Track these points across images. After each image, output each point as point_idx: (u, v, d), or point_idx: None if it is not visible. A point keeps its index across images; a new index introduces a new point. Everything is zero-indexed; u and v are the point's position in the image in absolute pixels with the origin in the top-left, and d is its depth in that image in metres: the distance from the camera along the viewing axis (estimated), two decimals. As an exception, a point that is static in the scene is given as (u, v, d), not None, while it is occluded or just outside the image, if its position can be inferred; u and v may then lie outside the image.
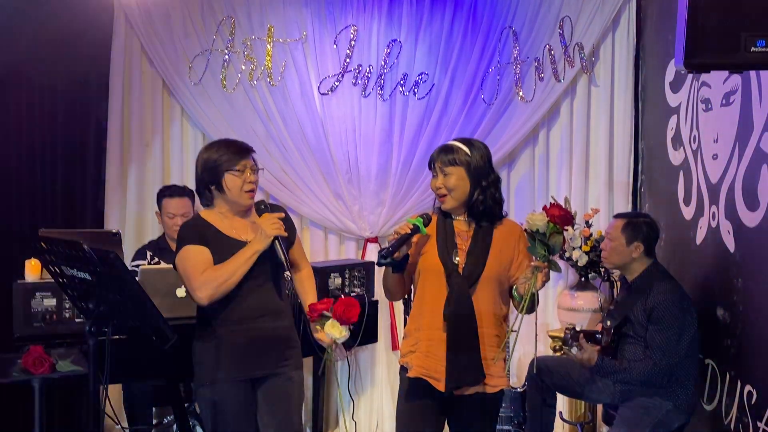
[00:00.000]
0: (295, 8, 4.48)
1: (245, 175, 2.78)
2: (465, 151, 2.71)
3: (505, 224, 2.78)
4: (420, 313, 2.75)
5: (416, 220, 2.65)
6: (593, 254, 4.17)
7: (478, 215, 2.72)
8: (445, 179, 2.71)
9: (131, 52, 4.46)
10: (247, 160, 2.80)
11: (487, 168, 2.74)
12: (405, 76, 4.49)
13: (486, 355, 2.68)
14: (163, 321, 2.51)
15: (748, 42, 1.98)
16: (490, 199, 2.72)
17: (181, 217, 4.03)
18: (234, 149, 2.81)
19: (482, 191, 2.71)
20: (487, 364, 2.68)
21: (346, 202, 4.53)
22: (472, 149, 2.73)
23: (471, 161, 2.70)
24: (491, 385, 2.70)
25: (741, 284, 3.06)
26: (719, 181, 3.28)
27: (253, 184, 2.82)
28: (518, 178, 4.63)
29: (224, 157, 2.78)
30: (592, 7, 4.43)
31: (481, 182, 2.71)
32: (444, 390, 2.65)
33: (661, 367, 3.19)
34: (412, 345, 2.76)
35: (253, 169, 2.81)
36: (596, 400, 3.69)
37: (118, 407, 3.66)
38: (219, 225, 2.80)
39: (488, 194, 2.71)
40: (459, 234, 2.73)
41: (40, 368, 2.87)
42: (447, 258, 2.68)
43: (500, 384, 2.73)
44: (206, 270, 2.71)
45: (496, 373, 2.71)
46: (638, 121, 4.52)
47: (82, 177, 4.53)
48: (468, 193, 2.71)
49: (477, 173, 2.70)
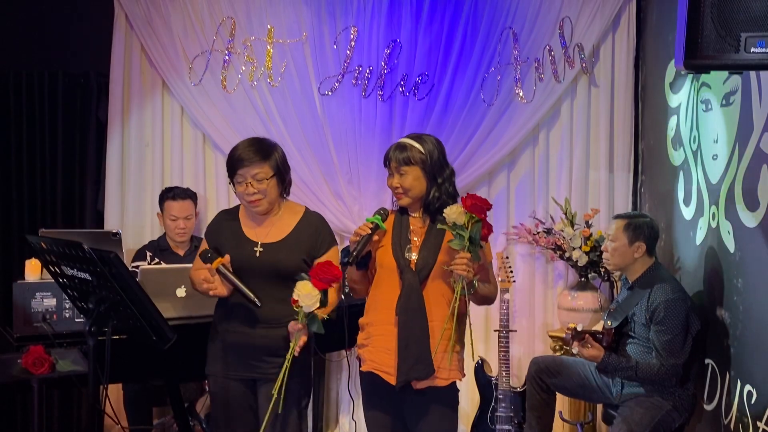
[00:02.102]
0: (295, 9, 4.48)
1: (244, 188, 2.78)
2: (419, 149, 2.75)
3: None
4: (374, 307, 2.82)
5: (375, 218, 2.73)
6: (593, 254, 4.17)
7: (434, 211, 2.78)
8: (401, 179, 2.77)
9: (131, 52, 4.46)
10: (247, 171, 2.75)
11: (442, 163, 2.79)
12: (405, 77, 4.49)
13: (437, 349, 2.70)
14: (162, 321, 2.51)
15: (748, 42, 1.98)
16: (445, 195, 2.77)
17: (183, 220, 4.04)
18: (238, 156, 2.78)
19: (438, 188, 2.76)
20: (438, 358, 2.70)
21: (346, 202, 4.53)
22: (425, 146, 2.76)
23: (426, 159, 2.74)
24: (442, 378, 2.73)
25: (741, 284, 3.06)
26: (719, 181, 3.28)
27: (254, 195, 2.77)
28: (518, 179, 4.62)
29: (228, 164, 2.82)
30: (592, 8, 4.42)
31: (437, 179, 2.76)
32: (395, 384, 2.71)
33: (668, 367, 3.20)
34: (365, 339, 2.84)
35: (256, 178, 2.76)
36: (596, 400, 3.69)
37: (118, 407, 3.66)
38: (244, 221, 2.89)
39: (443, 190, 2.77)
40: (414, 230, 2.80)
41: (40, 368, 2.87)
42: (400, 254, 2.75)
43: (452, 377, 2.76)
44: (195, 270, 2.88)
45: (448, 367, 2.74)
46: (638, 121, 4.51)
47: (82, 177, 4.53)
48: (424, 191, 2.77)
49: (432, 171, 2.75)
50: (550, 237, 4.32)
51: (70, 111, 4.51)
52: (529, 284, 4.58)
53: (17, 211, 4.50)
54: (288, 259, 2.79)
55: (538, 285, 4.59)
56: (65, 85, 4.50)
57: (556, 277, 4.57)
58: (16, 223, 4.49)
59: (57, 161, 4.50)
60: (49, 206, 4.51)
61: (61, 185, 4.50)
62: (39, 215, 4.49)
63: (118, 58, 4.44)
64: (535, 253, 4.56)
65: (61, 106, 4.49)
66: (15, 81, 4.48)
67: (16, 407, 4.42)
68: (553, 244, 4.30)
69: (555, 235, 4.31)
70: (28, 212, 4.50)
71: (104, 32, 4.44)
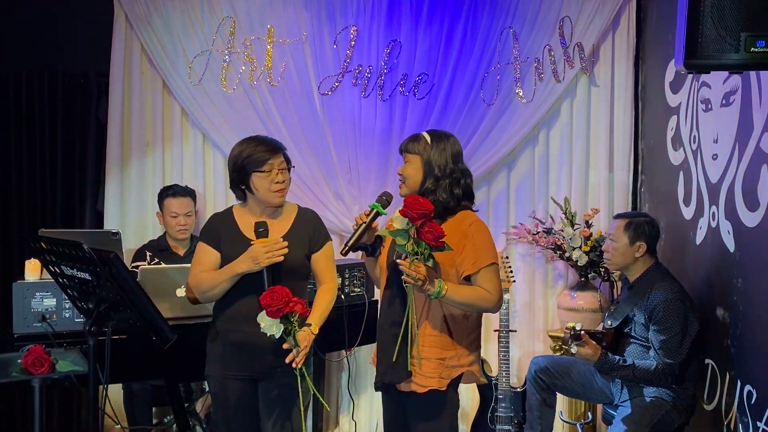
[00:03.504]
0: (295, 8, 4.48)
1: (272, 176, 2.78)
2: (426, 141, 2.71)
3: (456, 217, 2.71)
4: (382, 310, 2.81)
5: (375, 204, 2.68)
6: (593, 254, 4.17)
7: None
8: (404, 167, 2.75)
9: (131, 52, 4.47)
10: (274, 160, 2.78)
11: (447, 161, 2.69)
12: (405, 77, 4.49)
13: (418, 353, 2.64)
14: (163, 321, 2.51)
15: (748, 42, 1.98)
16: (444, 193, 2.67)
17: (184, 216, 4.04)
18: (262, 149, 2.79)
19: (435, 183, 2.67)
20: (416, 363, 2.65)
21: (346, 202, 4.53)
22: (436, 141, 2.71)
23: (429, 152, 2.68)
24: (420, 385, 2.67)
25: (741, 284, 3.06)
26: (719, 181, 3.28)
27: (282, 183, 2.80)
28: (518, 178, 4.62)
29: (251, 158, 2.78)
30: (592, 7, 4.42)
31: (435, 174, 2.67)
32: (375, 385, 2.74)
33: (665, 367, 3.20)
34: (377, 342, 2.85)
35: (281, 168, 2.79)
36: (596, 400, 3.69)
37: (118, 407, 3.66)
38: (241, 222, 2.85)
39: (442, 186, 2.67)
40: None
41: (40, 368, 2.87)
42: (391, 254, 2.73)
43: (428, 384, 2.66)
44: (200, 273, 2.80)
45: (428, 373, 2.66)
46: (638, 121, 4.51)
47: (82, 177, 4.54)
48: (419, 183, 2.70)
49: (431, 164, 2.68)
50: (550, 237, 4.32)
51: (70, 111, 4.51)
52: (529, 284, 4.58)
53: (17, 211, 4.50)
54: (292, 255, 2.79)
55: (538, 285, 4.59)
56: (65, 85, 4.50)
57: (556, 277, 4.57)
58: (16, 223, 4.49)
59: (57, 161, 4.50)
60: (49, 206, 4.51)
61: (61, 185, 4.50)
62: (39, 215, 4.50)
63: (118, 58, 4.44)
64: (535, 253, 4.56)
65: (61, 106, 4.50)
66: (15, 81, 4.48)
67: (16, 407, 4.42)
68: (553, 244, 4.30)
69: (555, 235, 4.31)
70: (28, 212, 4.50)
71: (104, 32, 4.45)
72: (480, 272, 2.66)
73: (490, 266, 2.68)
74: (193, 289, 2.84)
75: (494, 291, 2.66)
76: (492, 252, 2.71)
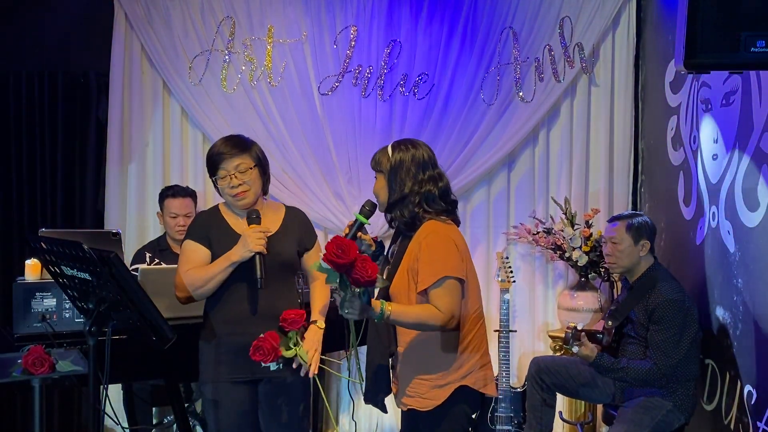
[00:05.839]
0: (295, 8, 4.48)
1: (227, 180, 2.77)
2: (388, 157, 2.57)
3: (421, 229, 2.55)
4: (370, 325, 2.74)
5: (357, 215, 2.62)
6: (593, 254, 4.17)
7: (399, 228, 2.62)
8: (375, 183, 2.64)
9: (131, 52, 4.47)
10: (228, 164, 2.75)
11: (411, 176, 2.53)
12: (405, 77, 4.49)
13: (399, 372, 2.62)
14: (163, 321, 2.51)
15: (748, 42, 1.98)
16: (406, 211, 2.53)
17: (183, 217, 4.03)
18: (216, 152, 2.78)
19: (400, 200, 2.53)
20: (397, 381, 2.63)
21: (346, 201, 4.53)
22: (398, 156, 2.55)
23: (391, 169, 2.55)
24: (403, 403, 2.62)
25: (741, 284, 3.06)
26: (719, 181, 3.28)
27: (239, 187, 2.76)
28: (518, 178, 4.63)
29: (208, 163, 2.81)
30: (592, 7, 4.43)
31: (399, 192, 2.54)
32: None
33: (660, 367, 3.20)
34: None
35: (239, 170, 2.75)
36: (596, 400, 3.69)
37: (118, 407, 3.66)
38: (230, 219, 2.86)
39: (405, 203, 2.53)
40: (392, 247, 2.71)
41: (40, 368, 2.86)
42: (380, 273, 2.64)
43: (410, 404, 2.58)
44: (190, 270, 2.79)
45: (410, 393, 2.58)
46: (638, 121, 4.52)
47: (82, 177, 4.54)
48: (387, 200, 2.58)
49: (392, 183, 2.55)
50: (550, 237, 4.32)
51: (70, 111, 4.51)
52: (529, 284, 4.58)
53: (17, 211, 4.50)
54: (287, 250, 2.81)
55: (538, 285, 4.59)
56: (65, 85, 4.50)
57: (556, 277, 4.58)
58: (16, 223, 4.49)
59: (57, 161, 4.50)
60: (49, 206, 4.51)
61: (61, 185, 4.50)
62: (39, 215, 4.50)
63: (118, 58, 4.44)
64: (535, 253, 4.57)
65: (61, 106, 4.49)
66: (15, 81, 4.48)
67: (16, 407, 4.42)
68: (553, 244, 4.30)
69: (555, 235, 4.31)
70: (28, 212, 4.50)
71: (104, 32, 4.45)
72: (431, 289, 2.47)
73: (442, 281, 2.46)
74: (187, 287, 2.80)
75: (444, 308, 2.44)
76: (445, 265, 2.47)
